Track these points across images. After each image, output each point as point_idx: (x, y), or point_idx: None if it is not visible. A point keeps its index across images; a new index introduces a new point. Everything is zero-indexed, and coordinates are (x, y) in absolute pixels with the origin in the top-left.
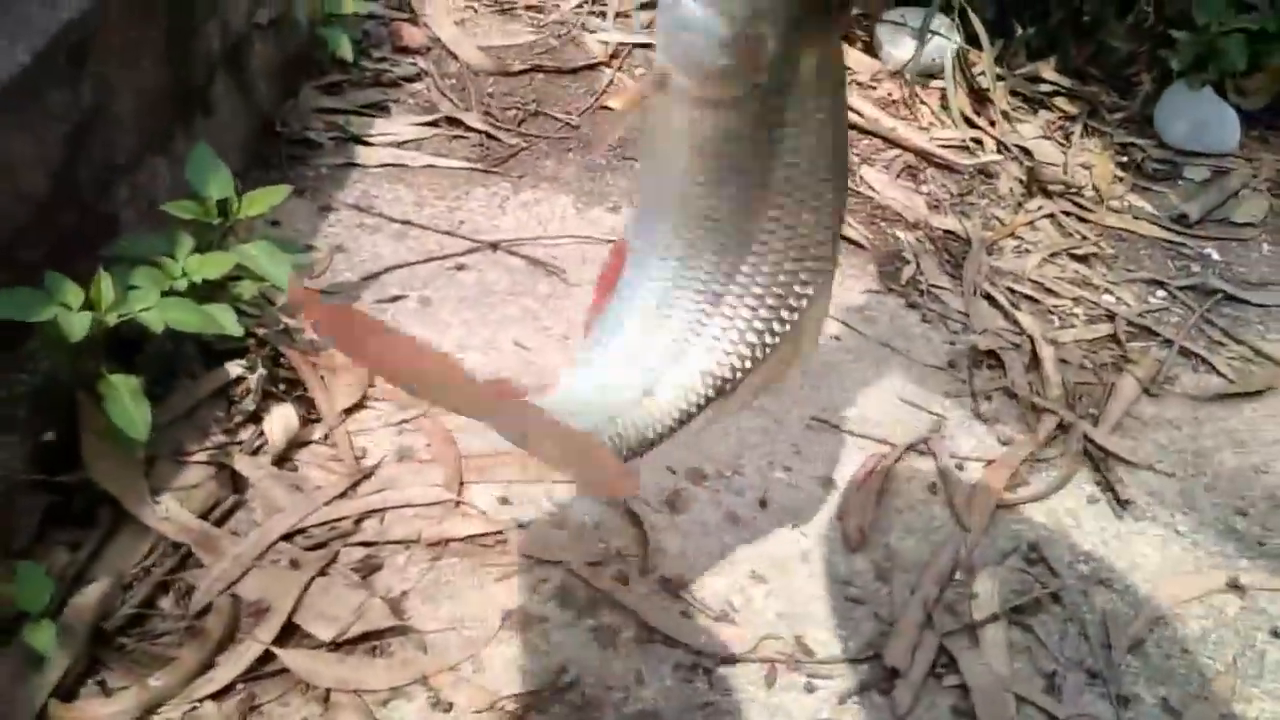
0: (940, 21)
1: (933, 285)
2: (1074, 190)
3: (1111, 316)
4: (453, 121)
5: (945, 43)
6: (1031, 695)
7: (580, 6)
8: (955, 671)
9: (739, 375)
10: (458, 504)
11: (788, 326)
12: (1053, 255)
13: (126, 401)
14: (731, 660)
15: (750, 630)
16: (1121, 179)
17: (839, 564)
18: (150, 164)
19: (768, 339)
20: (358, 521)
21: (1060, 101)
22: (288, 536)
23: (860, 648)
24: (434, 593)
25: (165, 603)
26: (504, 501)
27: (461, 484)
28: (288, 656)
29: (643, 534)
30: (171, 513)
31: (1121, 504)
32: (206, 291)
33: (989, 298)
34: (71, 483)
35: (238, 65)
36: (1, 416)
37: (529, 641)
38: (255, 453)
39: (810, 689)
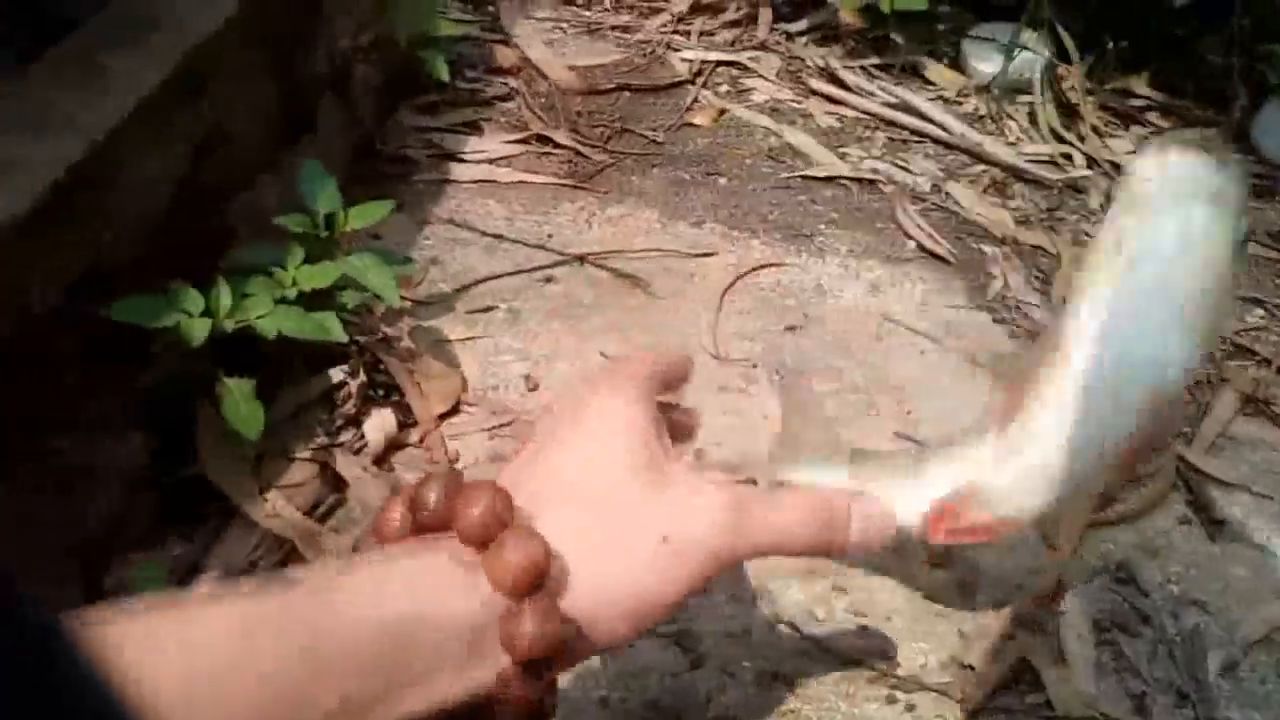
0: (1028, 35)
1: (1021, 301)
2: None
3: None
4: (542, 139)
5: (1034, 57)
6: (1119, 715)
7: (666, 26)
8: (1040, 689)
9: None
10: None
11: None
12: None
13: (241, 403)
14: (812, 671)
15: (831, 641)
16: None
17: (919, 577)
18: (261, 180)
19: None
20: None
21: (1153, 116)
22: None
23: (943, 662)
24: None
25: None
26: None
27: None
28: None
29: None
30: (278, 509)
31: (1215, 525)
32: (314, 300)
33: None
34: (186, 480)
35: (342, 86)
36: (123, 416)
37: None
38: (356, 453)
39: (891, 700)
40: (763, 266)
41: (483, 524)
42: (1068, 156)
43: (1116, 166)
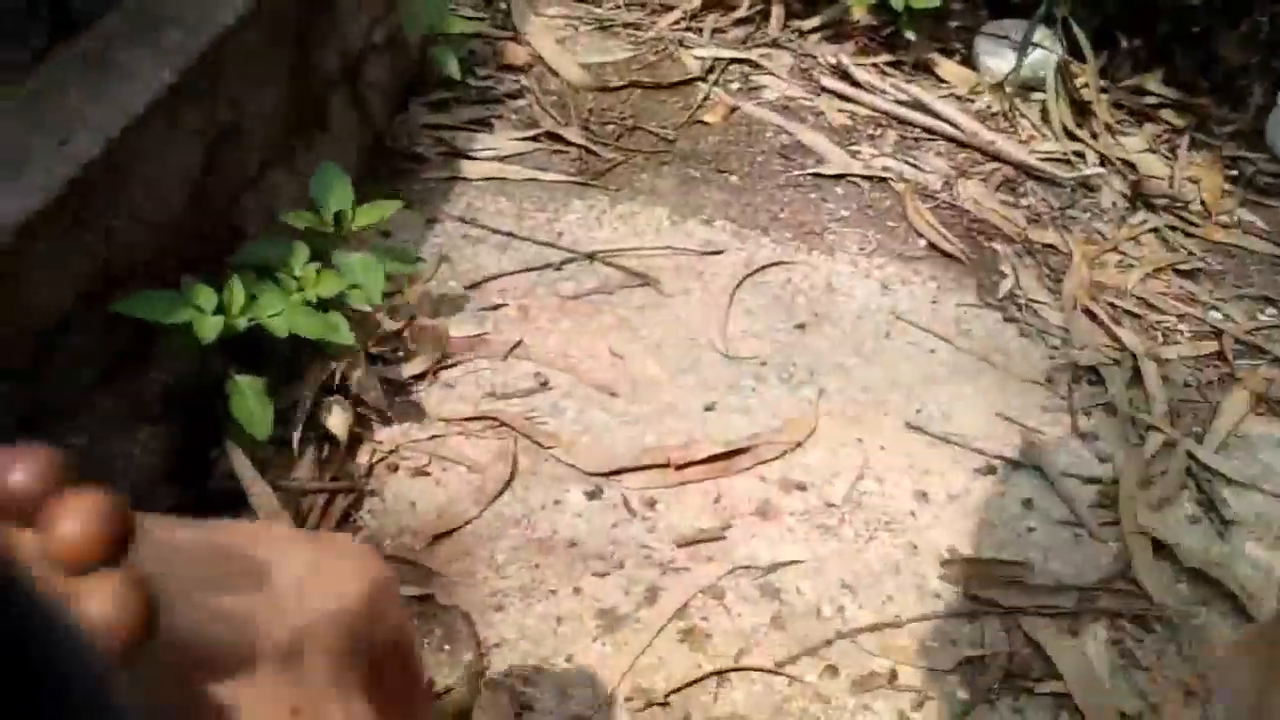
0: (1042, 33)
1: (1032, 299)
2: (1180, 204)
3: (1218, 333)
4: (553, 136)
5: (1047, 54)
6: (1130, 711)
7: (677, 24)
8: (1055, 678)
9: None
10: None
11: None
12: (1157, 270)
13: (252, 402)
14: (820, 667)
15: (839, 638)
16: (1230, 193)
17: (929, 575)
18: (273, 176)
19: None
20: None
21: (1166, 114)
22: None
23: (954, 660)
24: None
25: None
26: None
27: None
28: None
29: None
30: (285, 502)
31: (1225, 524)
32: (323, 299)
33: (1090, 313)
34: (200, 471)
35: (354, 83)
36: (136, 412)
37: (618, 640)
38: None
39: (899, 695)
40: (773, 264)
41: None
42: (1080, 154)
43: (1129, 164)
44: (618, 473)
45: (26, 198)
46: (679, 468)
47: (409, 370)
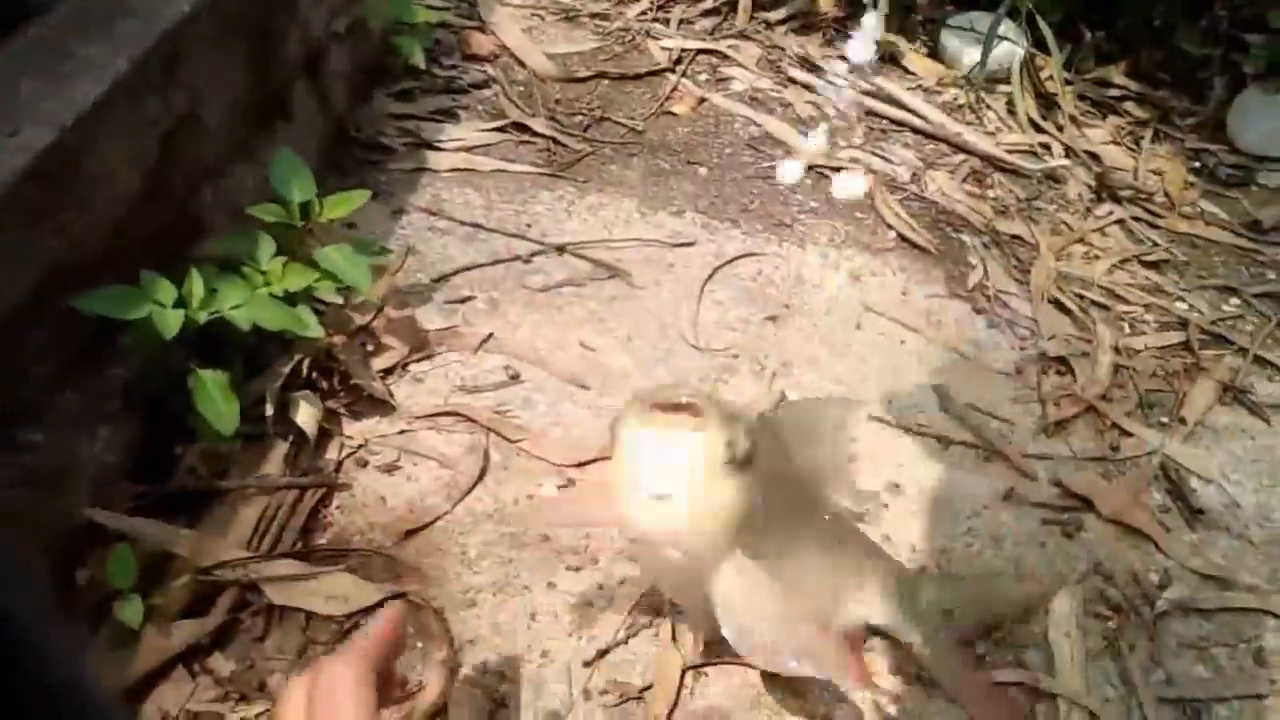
0: (1006, 26)
1: (1000, 290)
2: (1144, 196)
3: (1184, 324)
4: (520, 127)
5: (1012, 47)
6: (1108, 696)
7: (644, 14)
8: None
9: None
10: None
11: None
12: (1123, 261)
13: (216, 397)
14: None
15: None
16: (1193, 185)
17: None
18: (234, 168)
19: None
20: None
21: (1130, 106)
22: None
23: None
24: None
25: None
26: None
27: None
28: None
29: None
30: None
31: (1195, 514)
32: (290, 293)
33: (1057, 304)
34: (163, 468)
35: (316, 72)
36: (96, 409)
37: (593, 635)
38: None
39: (862, 701)
40: (743, 256)
41: None
42: (1046, 146)
43: (1094, 156)
44: (590, 463)
45: None
46: None
47: (378, 364)
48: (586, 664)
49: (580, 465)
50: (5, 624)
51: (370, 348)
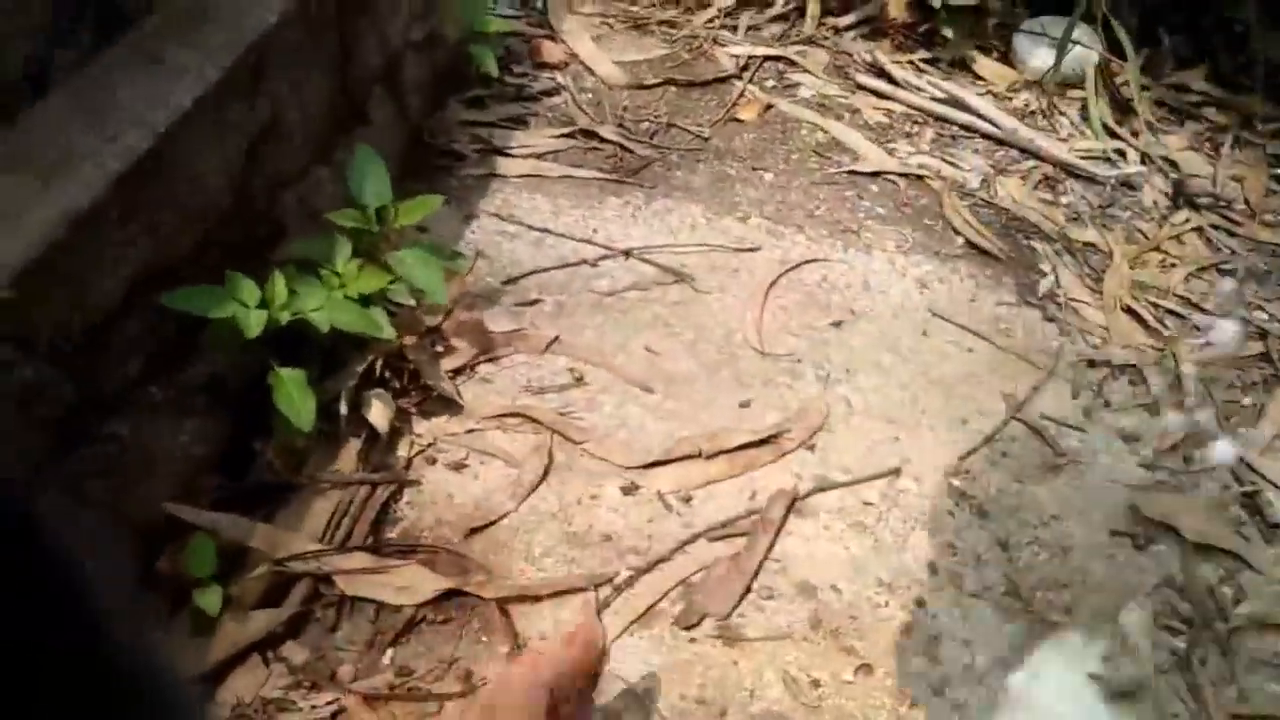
0: (1081, 30)
1: (1072, 298)
2: (1223, 203)
3: (1264, 334)
4: (588, 134)
5: (1087, 52)
6: (1178, 710)
7: (712, 21)
8: None
9: None
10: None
11: None
12: (1200, 270)
13: (294, 394)
14: (855, 665)
15: (874, 641)
16: (1275, 192)
17: (968, 576)
18: (314, 173)
19: None
20: None
21: (1209, 112)
22: None
23: (1000, 654)
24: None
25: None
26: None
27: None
28: None
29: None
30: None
31: (1271, 528)
32: (365, 295)
33: (1132, 312)
34: (243, 463)
35: (393, 80)
36: (180, 405)
37: (654, 635)
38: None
39: (937, 696)
40: (808, 261)
41: None
42: (1121, 152)
43: (1171, 163)
44: (652, 466)
45: (78, 193)
46: (709, 457)
47: (448, 365)
48: (647, 664)
49: (644, 469)
50: (87, 605)
51: (440, 349)
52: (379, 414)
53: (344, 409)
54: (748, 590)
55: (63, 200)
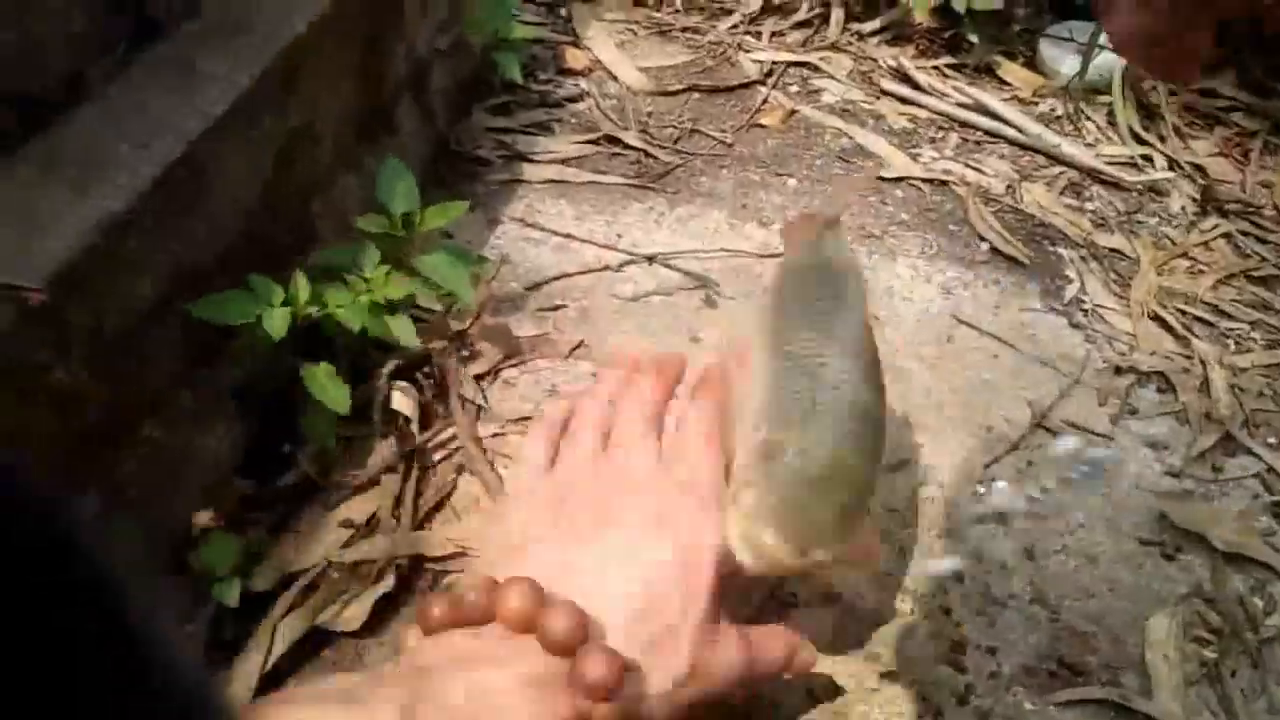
0: (1107, 35)
1: (1098, 305)
2: (1252, 209)
3: None
4: (612, 140)
5: (1113, 56)
6: None
7: (736, 28)
8: (1145, 696)
9: None
10: None
11: None
12: (1229, 277)
13: (326, 384)
14: (879, 672)
15: (903, 653)
16: None
17: (994, 584)
18: (342, 181)
19: None
20: None
21: (1238, 117)
22: None
23: (1025, 662)
24: None
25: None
26: None
27: None
28: None
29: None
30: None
31: None
32: (391, 301)
33: (1159, 319)
34: (273, 465)
35: (420, 88)
36: (212, 408)
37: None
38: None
39: (961, 705)
40: None
41: (521, 613)
42: (1148, 158)
43: (1199, 168)
44: None
45: (112, 199)
46: None
47: (473, 369)
48: None
49: None
50: (116, 595)
51: (465, 353)
52: (403, 403)
53: (376, 416)
54: (770, 596)
55: (97, 206)
